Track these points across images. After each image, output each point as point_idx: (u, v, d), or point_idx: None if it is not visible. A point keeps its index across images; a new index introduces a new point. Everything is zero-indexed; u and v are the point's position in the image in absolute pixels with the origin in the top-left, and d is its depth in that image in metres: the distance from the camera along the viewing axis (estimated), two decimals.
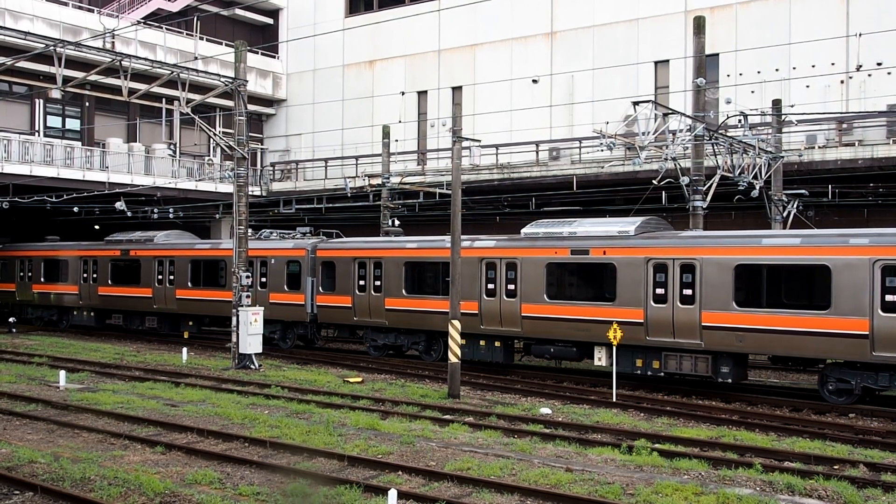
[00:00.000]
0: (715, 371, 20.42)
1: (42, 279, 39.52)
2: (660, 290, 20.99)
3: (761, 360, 25.09)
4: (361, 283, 27.37)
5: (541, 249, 23.21)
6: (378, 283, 26.89)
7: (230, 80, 26.12)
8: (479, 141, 25.10)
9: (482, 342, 24.60)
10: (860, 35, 31.03)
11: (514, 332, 23.83)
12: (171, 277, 33.45)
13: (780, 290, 19.76)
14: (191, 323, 33.65)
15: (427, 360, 26.20)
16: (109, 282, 36.13)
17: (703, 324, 20.26)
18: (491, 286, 24.11)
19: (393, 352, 27.99)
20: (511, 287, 23.66)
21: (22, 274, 40.66)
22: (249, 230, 31.68)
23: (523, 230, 24.31)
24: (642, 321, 21.16)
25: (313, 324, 29.47)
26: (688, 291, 20.57)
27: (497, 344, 24.40)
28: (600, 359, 22.20)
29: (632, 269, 21.40)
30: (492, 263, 24.15)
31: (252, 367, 25.69)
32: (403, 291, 26.19)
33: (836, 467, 13.88)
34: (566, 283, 23.04)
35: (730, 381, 20.50)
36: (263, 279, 30.14)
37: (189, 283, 32.73)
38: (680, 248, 20.87)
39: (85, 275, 37.29)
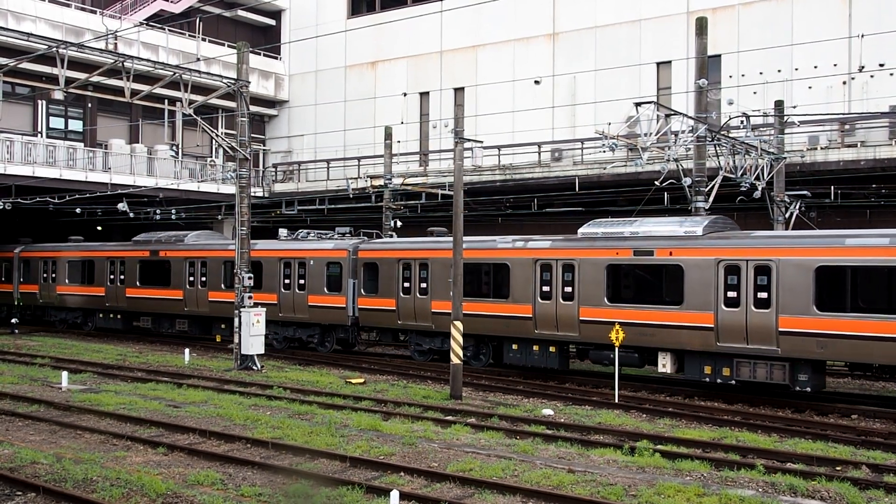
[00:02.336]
0: (792, 379, 19.36)
1: (66, 281, 38.61)
2: (731, 294, 19.97)
3: (837, 366, 24.42)
4: (406, 285, 26.42)
5: (601, 250, 22.23)
6: (424, 285, 25.95)
7: (232, 82, 26.14)
8: (482, 142, 25.01)
9: (535, 347, 23.55)
10: (862, 36, 31.00)
11: (570, 337, 22.71)
12: (203, 279, 32.48)
13: (867, 294, 18.70)
14: (223, 326, 32.12)
15: (475, 365, 25.15)
16: (138, 283, 35.13)
17: (779, 329, 19.20)
18: (546, 288, 23.11)
19: (438, 357, 26.67)
20: (568, 289, 22.67)
21: (45, 275, 39.65)
22: (284, 230, 31.52)
23: (580, 230, 23.42)
24: (712, 326, 20.15)
25: (354, 327, 28.59)
26: (763, 295, 19.52)
27: (552, 349, 23.32)
28: (664, 365, 21.19)
29: (701, 271, 20.42)
30: (547, 265, 23.18)
31: (254, 368, 25.70)
32: (451, 294, 25.34)
33: (838, 468, 13.87)
34: (628, 286, 22.06)
35: (808, 389, 19.36)
36: (302, 281, 29.25)
37: (222, 285, 31.71)
38: (754, 249, 19.82)
39: (112, 276, 36.28)
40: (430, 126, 43.31)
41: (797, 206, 26.13)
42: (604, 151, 23.45)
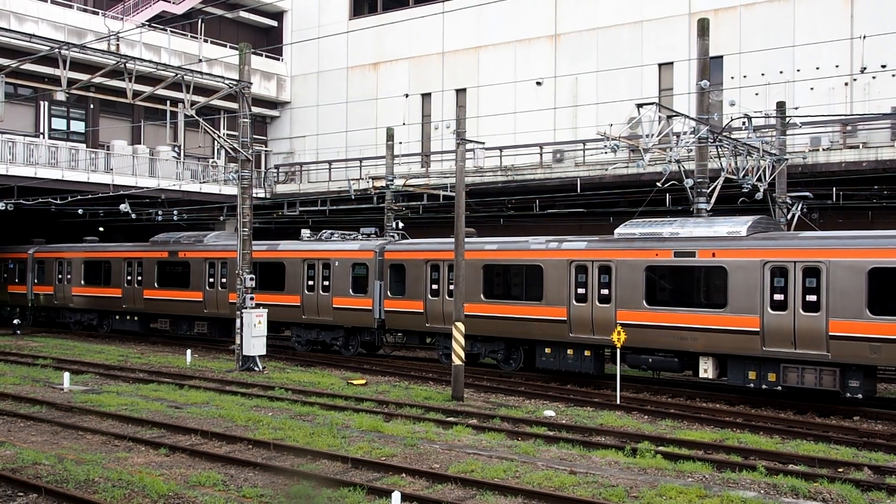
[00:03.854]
0: (843, 385, 18.72)
1: (82, 282, 37.92)
2: (778, 296, 19.35)
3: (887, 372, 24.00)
4: (434, 286, 25.83)
5: (639, 251, 21.63)
6: (453, 286, 25.27)
7: (234, 83, 26.17)
8: (483, 143, 24.97)
9: (570, 351, 22.89)
10: (864, 37, 30.99)
11: (608, 341, 21.83)
12: (224, 280, 31.77)
13: None
14: None
15: (506, 369, 24.69)
16: (156, 285, 34.49)
17: (830, 333, 18.57)
18: (581, 291, 22.51)
19: (468, 360, 25.74)
20: (605, 292, 22.07)
21: (60, 276, 39.05)
22: (306, 231, 31.14)
23: (617, 231, 22.87)
24: (757, 330, 19.55)
25: (380, 330, 28.05)
26: (812, 298, 18.90)
27: (587, 353, 22.70)
28: (706, 370, 20.57)
29: (745, 273, 19.80)
30: (582, 266, 22.57)
31: (256, 369, 25.70)
32: (482, 296, 24.55)
33: (840, 470, 13.85)
34: (669, 288, 21.44)
35: (859, 396, 18.67)
36: (326, 283, 28.62)
37: None
38: (802, 250, 19.24)
39: (129, 277, 35.65)
40: (431, 127, 43.35)
41: (799, 208, 26.13)
42: (605, 153, 23.42)
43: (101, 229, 44.69)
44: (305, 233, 31.05)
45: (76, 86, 25.22)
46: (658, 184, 23.55)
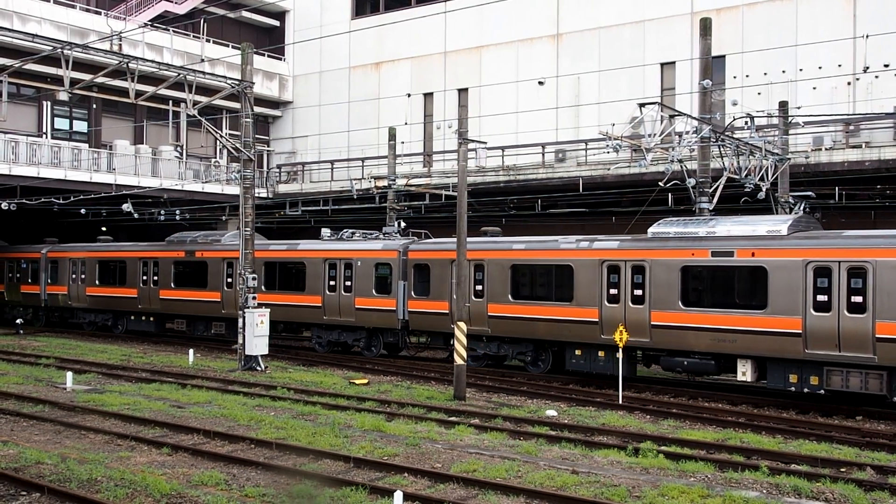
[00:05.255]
0: (889, 389, 18.24)
1: (97, 282, 37.51)
2: (822, 297, 18.80)
3: None
4: None
5: (674, 251, 21.20)
6: (479, 287, 24.82)
7: (236, 82, 26.19)
8: (485, 143, 24.95)
9: (601, 353, 22.38)
10: (867, 36, 30.94)
11: (640, 343, 21.58)
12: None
13: None
14: None
15: (533, 371, 24.42)
16: (172, 285, 34.12)
17: (876, 336, 18.05)
18: (613, 291, 22.07)
19: (492, 362, 25.91)
20: (638, 292, 21.62)
21: (74, 276, 38.72)
22: (326, 230, 30.71)
23: (650, 230, 22.39)
24: (799, 332, 19.03)
25: (404, 331, 27.66)
26: (857, 299, 18.39)
27: (618, 355, 22.06)
28: (744, 373, 20.08)
29: (786, 273, 19.31)
30: (615, 266, 22.13)
31: (258, 368, 25.72)
32: (509, 297, 24.19)
33: (842, 470, 13.85)
34: (705, 289, 20.94)
35: None
36: (348, 283, 28.20)
37: (263, 287, 30.07)
38: (847, 250, 18.72)
39: (145, 277, 35.23)
40: (433, 127, 43.35)
41: (801, 207, 26.11)
42: (607, 152, 23.41)
43: (103, 229, 44.72)
44: (326, 232, 30.61)
45: (79, 86, 25.25)
46: (660, 183, 23.57)
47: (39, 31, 34.96)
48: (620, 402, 20.20)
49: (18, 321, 38.94)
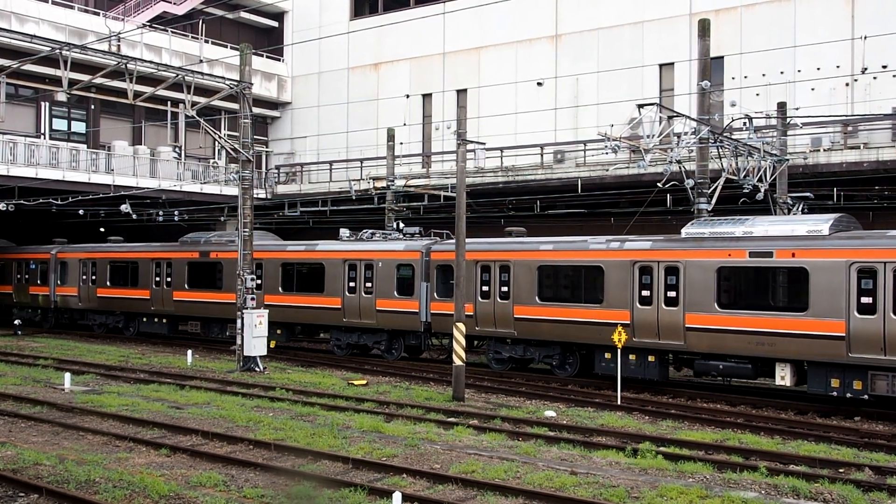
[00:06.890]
0: None
1: (108, 283, 36.87)
2: (866, 299, 18.29)
3: None
4: (485, 288, 24.75)
5: (710, 251, 20.67)
6: (505, 289, 24.31)
7: (235, 83, 26.18)
8: (484, 144, 24.90)
9: (632, 356, 21.81)
10: (865, 38, 30.99)
11: (674, 346, 21.06)
12: (259, 282, 30.07)
13: None
14: (279, 332, 29.93)
15: (560, 375, 23.87)
16: (186, 286, 33.52)
17: None
18: (646, 293, 21.52)
19: (516, 365, 25.35)
20: (672, 294, 21.08)
21: (85, 277, 37.94)
22: (345, 230, 30.30)
23: (684, 230, 21.98)
24: (842, 335, 18.47)
25: (426, 333, 27.13)
26: None
27: (651, 359, 21.65)
28: (783, 377, 19.58)
29: (829, 274, 18.77)
30: (647, 267, 21.60)
31: (257, 369, 25.71)
32: (536, 298, 23.66)
33: (841, 470, 13.86)
34: (743, 290, 20.49)
35: None
36: (368, 284, 27.63)
37: (280, 288, 30.02)
38: (893, 250, 18.17)
39: (158, 278, 34.62)
40: (432, 128, 43.35)
41: (800, 208, 26.13)
42: (606, 153, 23.33)
43: (101, 230, 44.72)
44: (344, 232, 30.16)
45: (77, 86, 25.23)
46: (659, 184, 23.55)
47: (38, 32, 34.95)
48: (619, 402, 20.21)
49: (17, 322, 38.89)
